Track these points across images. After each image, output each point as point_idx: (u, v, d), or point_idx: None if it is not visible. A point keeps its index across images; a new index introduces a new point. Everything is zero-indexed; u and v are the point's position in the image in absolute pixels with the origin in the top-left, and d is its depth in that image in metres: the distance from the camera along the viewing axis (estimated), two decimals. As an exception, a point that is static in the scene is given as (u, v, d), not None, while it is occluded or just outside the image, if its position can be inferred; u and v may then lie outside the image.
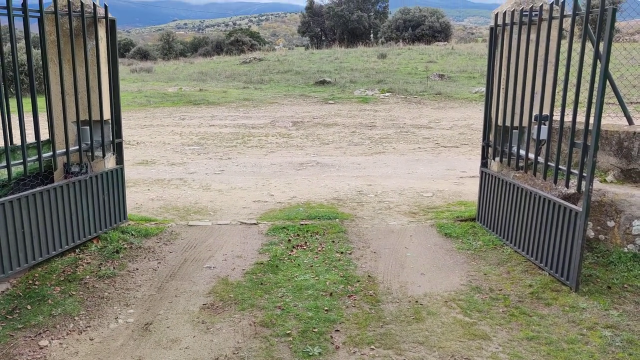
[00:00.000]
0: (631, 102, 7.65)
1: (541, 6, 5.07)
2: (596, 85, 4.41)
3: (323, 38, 58.77)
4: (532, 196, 5.29)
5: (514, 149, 5.68)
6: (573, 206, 4.72)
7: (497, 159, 6.05)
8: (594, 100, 4.42)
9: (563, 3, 4.74)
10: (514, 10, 5.49)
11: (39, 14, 5.03)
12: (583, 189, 4.62)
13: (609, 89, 6.12)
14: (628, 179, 5.76)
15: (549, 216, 5.04)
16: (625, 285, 4.77)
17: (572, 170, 4.81)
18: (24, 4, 4.82)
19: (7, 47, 6.49)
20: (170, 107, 19.02)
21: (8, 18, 4.69)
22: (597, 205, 5.30)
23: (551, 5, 4.89)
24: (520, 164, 5.58)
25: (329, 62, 30.39)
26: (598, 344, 3.92)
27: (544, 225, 5.11)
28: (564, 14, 4.77)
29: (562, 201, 4.88)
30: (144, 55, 45.76)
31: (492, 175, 6.10)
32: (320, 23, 59.45)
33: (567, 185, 4.91)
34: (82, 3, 5.35)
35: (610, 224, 5.28)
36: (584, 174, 4.60)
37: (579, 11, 4.63)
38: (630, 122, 6.03)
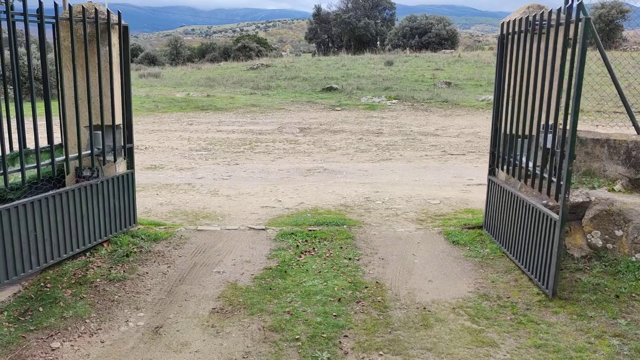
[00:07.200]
0: (639, 112, 7.66)
1: (541, 14, 5.06)
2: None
3: (330, 45, 58.95)
4: (521, 203, 5.39)
5: (519, 157, 5.69)
6: (552, 213, 4.75)
7: (505, 167, 6.06)
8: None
9: (559, 11, 4.70)
10: (520, 18, 5.52)
11: (54, 20, 5.11)
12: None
13: (617, 98, 6.16)
14: (636, 188, 5.77)
15: (532, 224, 5.12)
16: (634, 295, 4.78)
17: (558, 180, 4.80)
18: (40, 10, 4.90)
19: (21, 52, 6.57)
20: (178, 112, 19.13)
21: (24, 24, 4.77)
22: (605, 215, 5.31)
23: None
24: (523, 174, 5.60)
25: (336, 69, 30.49)
26: (606, 353, 3.93)
27: (529, 233, 5.20)
28: (557, 22, 4.69)
29: (544, 208, 4.92)
30: (152, 60, 46.06)
31: (496, 184, 6.14)
32: (328, 30, 59.66)
33: (555, 197, 4.86)
34: (96, 10, 5.43)
35: (618, 233, 5.29)
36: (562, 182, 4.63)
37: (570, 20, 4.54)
38: (638, 131, 6.04)
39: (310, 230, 6.49)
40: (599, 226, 5.36)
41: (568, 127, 4.48)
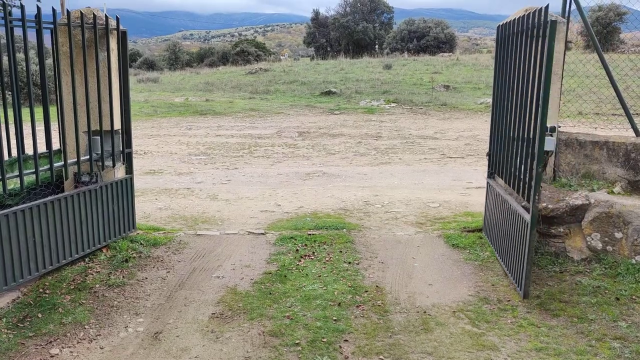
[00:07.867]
0: (638, 114, 7.67)
1: (527, 16, 5.05)
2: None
3: (328, 49, 59.00)
4: (506, 205, 5.45)
5: (510, 161, 5.69)
6: (525, 214, 4.77)
7: (498, 169, 6.08)
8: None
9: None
10: (512, 21, 5.50)
11: (52, 26, 5.11)
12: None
13: (615, 100, 6.16)
14: (636, 190, 5.77)
15: (512, 225, 5.16)
16: (634, 297, 4.77)
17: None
18: (38, 16, 4.90)
19: (20, 57, 6.56)
20: (177, 117, 19.13)
21: (22, 29, 4.77)
22: (604, 217, 5.31)
23: (539, 12, 4.81)
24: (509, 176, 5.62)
25: (334, 73, 30.53)
26: (607, 356, 3.92)
27: (509, 234, 5.23)
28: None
29: (520, 210, 4.94)
30: (150, 65, 46.08)
31: (492, 187, 6.16)
32: (326, 34, 59.74)
33: (527, 198, 4.88)
34: (94, 15, 5.43)
35: (618, 235, 5.29)
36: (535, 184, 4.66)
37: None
38: (637, 133, 6.05)
39: (310, 234, 6.48)
40: (598, 229, 5.36)
41: (538, 127, 4.50)
